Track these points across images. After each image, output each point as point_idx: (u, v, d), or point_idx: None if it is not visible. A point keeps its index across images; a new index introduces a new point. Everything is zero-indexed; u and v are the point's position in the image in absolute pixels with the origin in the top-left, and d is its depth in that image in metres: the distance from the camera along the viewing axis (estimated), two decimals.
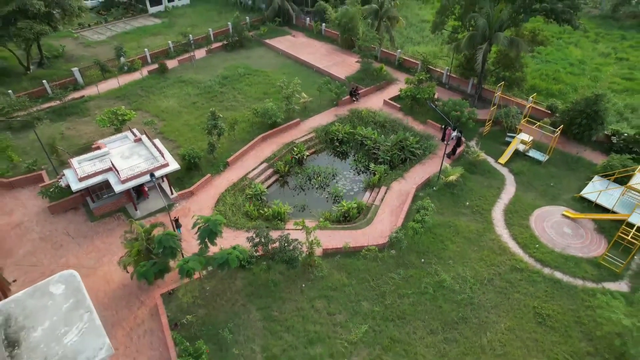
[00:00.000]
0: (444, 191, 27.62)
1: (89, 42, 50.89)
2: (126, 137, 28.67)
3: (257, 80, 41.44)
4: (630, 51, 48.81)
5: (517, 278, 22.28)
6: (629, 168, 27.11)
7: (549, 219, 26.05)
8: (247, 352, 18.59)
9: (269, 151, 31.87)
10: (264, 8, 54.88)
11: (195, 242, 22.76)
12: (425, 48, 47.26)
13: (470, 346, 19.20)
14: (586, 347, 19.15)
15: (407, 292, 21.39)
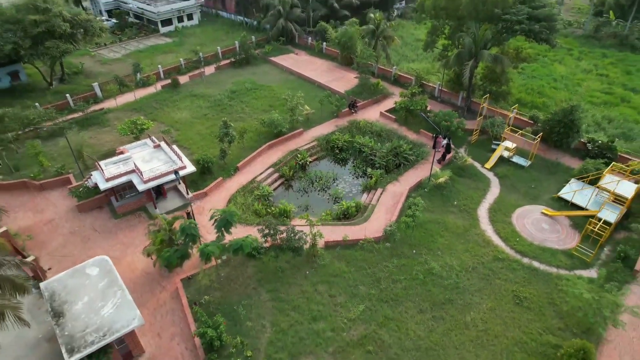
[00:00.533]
0: (434, 192, 30.44)
1: (105, 60, 54.49)
2: (145, 143, 31.66)
3: (263, 94, 44.72)
4: (610, 68, 52.30)
5: (498, 266, 24.91)
6: (600, 170, 29.97)
7: (529, 217, 28.80)
8: (258, 326, 21.14)
9: (275, 157, 34.83)
10: (268, 28, 58.61)
11: (208, 236, 25.59)
12: (419, 65, 50.73)
13: (456, 323, 21.72)
14: (557, 323, 21.67)
15: (399, 278, 24.01)
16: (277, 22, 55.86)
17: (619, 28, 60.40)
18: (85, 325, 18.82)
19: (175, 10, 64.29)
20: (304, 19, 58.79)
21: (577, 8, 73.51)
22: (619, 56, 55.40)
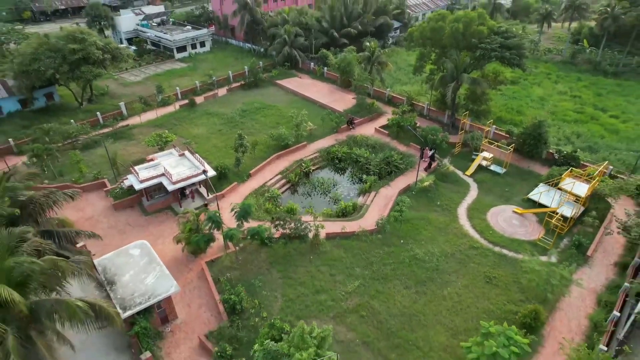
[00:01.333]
0: (420, 194, 35.23)
1: (126, 83, 60.22)
2: (171, 153, 36.68)
3: (271, 113, 50.09)
4: (583, 90, 57.90)
5: (473, 253, 29.46)
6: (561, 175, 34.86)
7: (502, 214, 33.50)
8: (271, 297, 25.58)
9: (282, 166, 39.79)
10: (274, 54, 64.63)
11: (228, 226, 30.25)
12: (411, 87, 56.28)
13: (435, 296, 26.14)
14: (519, 296, 26.06)
15: (389, 262, 28.53)
16: (283, 49, 61.91)
17: (593, 55, 66.42)
18: (133, 291, 23.33)
19: (190, 38, 70.66)
20: (306, 46, 64.92)
21: (558, 37, 79.93)
22: (592, 80, 61.15)
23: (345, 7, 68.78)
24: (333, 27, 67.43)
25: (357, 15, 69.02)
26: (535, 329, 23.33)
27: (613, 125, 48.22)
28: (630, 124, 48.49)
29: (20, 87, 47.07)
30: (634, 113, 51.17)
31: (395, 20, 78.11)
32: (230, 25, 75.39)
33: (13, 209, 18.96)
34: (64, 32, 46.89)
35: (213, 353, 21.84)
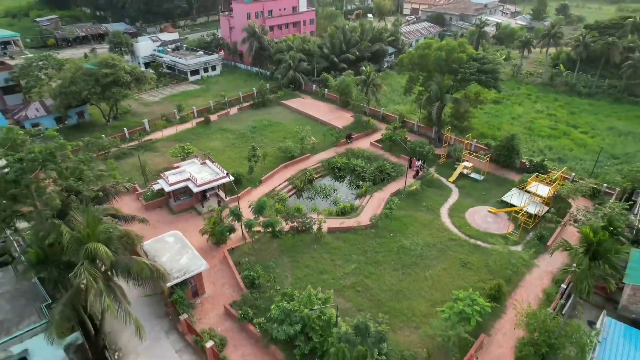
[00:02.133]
0: (408, 197, 40.85)
1: (146, 103, 66.61)
2: (194, 162, 42.50)
3: (278, 129, 56.16)
4: (559, 109, 64.26)
5: (451, 244, 34.88)
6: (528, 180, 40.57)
7: (478, 213, 39.05)
8: (282, 276, 30.90)
9: (289, 174, 45.53)
10: (280, 77, 71.22)
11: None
12: (403, 106, 62.54)
13: (418, 277, 31.46)
14: (488, 277, 31.35)
15: (380, 250, 33.93)
16: (288, 73, 68.57)
17: (569, 78, 73.10)
18: (170, 268, 28.66)
19: (202, 62, 77.57)
20: (309, 70, 71.65)
21: (539, 61, 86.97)
22: (567, 100, 67.63)
23: (344, 35, 75.94)
24: (333, 53, 74.38)
25: (354, 42, 76.12)
26: (499, 299, 28.57)
27: (582, 140, 54.22)
28: (597, 138, 54.52)
29: (57, 106, 53.28)
30: (601, 129, 57.28)
31: (390, 46, 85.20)
32: (239, 51, 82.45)
33: (98, 192, 24.45)
34: (98, 59, 53.38)
35: (237, 315, 27.09)
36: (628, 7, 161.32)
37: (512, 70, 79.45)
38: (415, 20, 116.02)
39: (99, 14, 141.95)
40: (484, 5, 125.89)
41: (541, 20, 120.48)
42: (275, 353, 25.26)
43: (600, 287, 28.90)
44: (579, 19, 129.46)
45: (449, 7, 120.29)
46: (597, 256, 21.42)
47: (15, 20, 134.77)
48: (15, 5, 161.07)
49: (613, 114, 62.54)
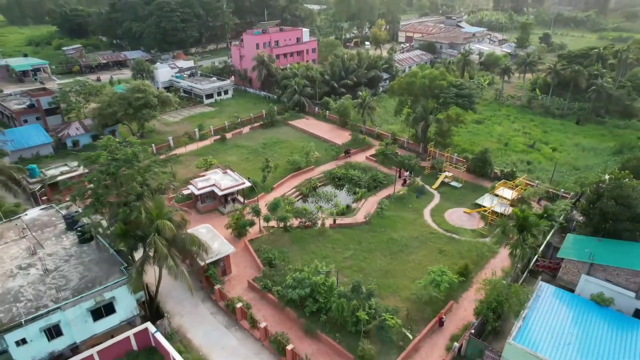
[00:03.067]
0: (397, 201, 48.57)
1: (167, 122, 75.03)
2: (216, 171, 50.42)
3: (285, 146, 64.28)
4: (534, 128, 72.61)
5: (431, 236, 42.40)
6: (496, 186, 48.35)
7: (455, 213, 46.67)
8: (293, 259, 38.30)
9: (296, 182, 53.35)
10: (286, 101, 79.82)
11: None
12: (395, 126, 70.91)
13: (402, 261, 38.86)
14: (460, 261, 38.67)
15: (373, 241, 41.44)
16: (293, 97, 77.30)
17: (544, 101, 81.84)
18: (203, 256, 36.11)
19: (216, 87, 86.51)
20: (312, 94, 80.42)
21: (520, 85, 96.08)
22: (542, 120, 76.11)
23: (343, 63, 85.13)
24: (333, 79, 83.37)
25: (352, 69, 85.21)
26: (466, 276, 35.91)
27: (551, 154, 62.28)
28: (563, 153, 62.62)
29: (95, 125, 61.66)
30: (568, 145, 65.48)
31: (385, 72, 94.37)
32: (249, 77, 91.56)
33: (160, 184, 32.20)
34: (131, 85, 62.08)
35: (259, 286, 34.47)
36: (608, 36, 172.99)
37: (494, 93, 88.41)
38: (408, 49, 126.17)
39: (116, 42, 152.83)
40: (472, 35, 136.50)
41: (524, 48, 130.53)
42: (289, 313, 32.54)
43: (546, 267, 36.34)
44: (561, 47, 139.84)
45: (440, 36, 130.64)
46: (523, 228, 29.09)
47: (39, 49, 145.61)
48: (37, 34, 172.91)
49: (580, 132, 70.91)
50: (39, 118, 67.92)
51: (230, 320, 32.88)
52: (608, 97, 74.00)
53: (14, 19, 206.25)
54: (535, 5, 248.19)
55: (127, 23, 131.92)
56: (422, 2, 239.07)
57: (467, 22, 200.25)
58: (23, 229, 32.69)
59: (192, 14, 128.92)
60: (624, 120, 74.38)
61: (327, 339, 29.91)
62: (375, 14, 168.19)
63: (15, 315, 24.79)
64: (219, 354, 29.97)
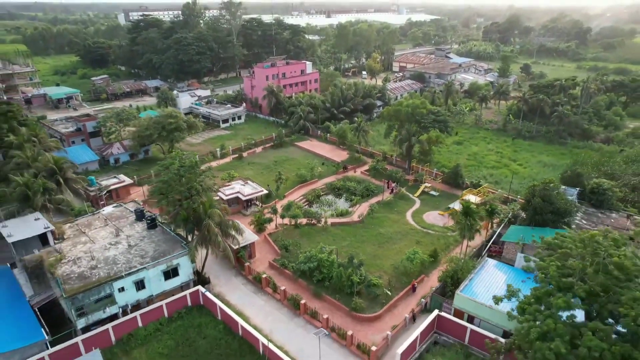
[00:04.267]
0: (385, 205, 60.09)
1: (191, 144, 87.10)
2: (239, 182, 62.12)
3: (293, 163, 76.19)
4: (506, 148, 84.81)
5: (411, 231, 53.74)
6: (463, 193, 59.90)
7: (431, 215, 58.11)
8: (303, 246, 49.53)
9: (303, 192, 64.94)
10: (292, 125, 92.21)
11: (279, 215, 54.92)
12: (385, 146, 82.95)
13: (388, 249, 50.05)
14: (432, 248, 49.88)
15: (365, 235, 52.76)
16: (299, 122, 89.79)
17: (517, 125, 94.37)
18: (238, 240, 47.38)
19: (231, 113, 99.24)
20: (315, 119, 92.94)
21: (499, 111, 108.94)
22: (513, 141, 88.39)
23: (341, 92, 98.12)
24: (333, 106, 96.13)
25: (350, 98, 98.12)
26: (435, 258, 47.06)
27: (517, 170, 74.11)
28: (528, 169, 74.52)
29: (134, 145, 73.74)
30: (533, 163, 77.48)
31: (379, 99, 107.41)
32: (259, 104, 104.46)
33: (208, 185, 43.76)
34: (165, 112, 74.56)
35: (278, 264, 45.63)
36: (585, 65, 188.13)
37: (474, 118, 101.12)
38: (400, 78, 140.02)
39: (134, 71, 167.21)
40: (459, 65, 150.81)
41: (506, 77, 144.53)
42: (300, 283, 43.55)
43: (497, 251, 47.54)
44: (541, 76, 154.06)
45: (429, 67, 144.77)
46: (467, 214, 40.63)
47: (65, 77, 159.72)
48: (60, 64, 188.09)
49: (545, 151, 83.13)
50: (83, 140, 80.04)
51: (257, 288, 43.90)
52: (568, 122, 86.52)
53: (38, 50, 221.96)
54: (521, 37, 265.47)
55: (147, 55, 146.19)
56: (415, 34, 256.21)
57: (458, 52, 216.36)
58: (105, 220, 44.15)
59: (206, 47, 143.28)
60: (582, 142, 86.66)
61: (330, 298, 40.92)
62: (372, 46, 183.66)
63: (116, 271, 36.01)
64: (250, 310, 40.86)
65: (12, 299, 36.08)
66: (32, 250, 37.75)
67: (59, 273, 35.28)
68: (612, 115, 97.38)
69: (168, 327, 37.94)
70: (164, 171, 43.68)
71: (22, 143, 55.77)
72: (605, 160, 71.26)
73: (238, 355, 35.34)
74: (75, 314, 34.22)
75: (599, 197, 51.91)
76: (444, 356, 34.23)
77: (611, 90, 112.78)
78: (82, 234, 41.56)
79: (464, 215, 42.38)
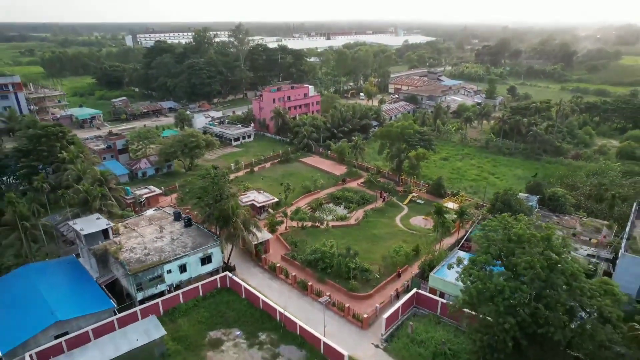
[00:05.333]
0: (378, 211, 70.60)
1: (207, 159, 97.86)
2: (253, 192, 72.74)
3: (298, 176, 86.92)
4: (486, 163, 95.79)
5: (399, 233, 64.13)
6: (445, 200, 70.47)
7: (417, 219, 68.58)
8: (310, 244, 59.86)
9: (308, 200, 75.47)
10: (296, 143, 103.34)
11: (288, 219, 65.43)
12: (379, 162, 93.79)
13: (380, 246, 60.29)
14: (413, 245, 60.18)
15: (360, 235, 63.13)
16: (303, 140, 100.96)
17: (498, 143, 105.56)
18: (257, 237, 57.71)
19: (242, 132, 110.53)
20: (317, 138, 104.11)
21: (483, 130, 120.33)
22: (494, 158, 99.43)
23: (341, 114, 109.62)
24: (333, 126, 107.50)
25: (348, 119, 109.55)
26: (417, 252, 57.31)
27: (494, 182, 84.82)
28: (504, 181, 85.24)
29: (160, 161, 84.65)
30: (509, 176, 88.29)
31: (374, 120, 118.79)
32: (267, 124, 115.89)
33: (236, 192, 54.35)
34: (187, 132, 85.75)
35: (289, 257, 55.90)
36: (568, 87, 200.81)
37: (460, 137, 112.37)
38: (395, 100, 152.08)
39: (147, 93, 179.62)
40: (449, 87, 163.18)
41: (493, 99, 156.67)
42: (307, 271, 53.69)
43: (467, 247, 57.78)
44: (526, 97, 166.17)
45: (422, 89, 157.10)
46: (439, 213, 51.18)
47: (84, 99, 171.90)
48: (77, 85, 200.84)
49: (521, 166, 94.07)
50: (113, 156, 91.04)
51: (272, 276, 54.04)
52: (542, 140, 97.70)
53: (54, 72, 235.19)
54: (512, 58, 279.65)
55: (162, 78, 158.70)
56: (410, 57, 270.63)
57: (451, 73, 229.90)
58: (149, 220, 54.65)
59: (216, 71, 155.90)
60: (555, 158, 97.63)
61: (331, 282, 51.05)
62: (369, 69, 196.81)
63: (164, 257, 46.34)
64: (267, 291, 50.87)
65: (83, 279, 46.31)
66: (97, 242, 48.11)
67: (122, 258, 45.60)
68: (583, 134, 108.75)
69: (203, 303, 48.02)
70: (201, 180, 54.33)
71: (73, 158, 66.57)
72: (570, 173, 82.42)
73: (259, 322, 45.36)
74: (135, 289, 44.41)
75: (554, 203, 62.53)
76: (419, 322, 44.27)
77: (585, 111, 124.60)
78: (132, 231, 51.96)
79: (437, 214, 52.92)
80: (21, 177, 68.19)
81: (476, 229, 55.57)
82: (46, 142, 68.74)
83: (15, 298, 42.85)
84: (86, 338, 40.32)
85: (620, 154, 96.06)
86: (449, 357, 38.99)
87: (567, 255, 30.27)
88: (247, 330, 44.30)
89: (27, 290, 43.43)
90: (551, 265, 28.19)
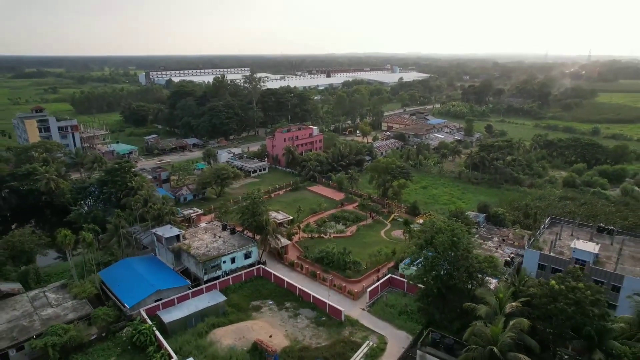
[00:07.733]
0: (368, 227, 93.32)
1: (232, 188, 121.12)
2: (272, 212, 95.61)
3: (306, 201, 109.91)
4: (456, 190, 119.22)
5: (383, 241, 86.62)
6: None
7: (397, 232, 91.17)
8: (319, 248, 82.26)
9: (315, 219, 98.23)
10: (304, 174, 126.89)
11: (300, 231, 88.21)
12: (370, 189, 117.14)
13: (369, 249, 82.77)
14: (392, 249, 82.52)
15: (354, 243, 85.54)
16: (309, 172, 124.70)
17: (468, 174, 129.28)
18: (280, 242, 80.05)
19: (258, 166, 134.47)
20: (320, 171, 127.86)
21: (458, 164, 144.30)
22: (464, 186, 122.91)
23: (339, 151, 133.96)
24: (333, 161, 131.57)
25: (346, 155, 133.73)
26: (395, 253, 79.55)
27: (459, 205, 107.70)
28: (468, 205, 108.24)
29: (198, 188, 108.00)
30: (473, 201, 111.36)
31: (368, 155, 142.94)
32: (279, 159, 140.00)
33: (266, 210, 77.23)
34: (219, 166, 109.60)
35: (302, 256, 78.27)
36: (542, 123, 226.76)
37: (438, 170, 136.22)
38: (386, 137, 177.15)
39: (170, 130, 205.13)
40: (433, 126, 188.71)
41: (471, 136, 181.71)
42: (316, 265, 75.85)
43: None
44: (502, 133, 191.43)
45: (410, 128, 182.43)
46: (406, 224, 73.99)
47: (115, 135, 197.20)
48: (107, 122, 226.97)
49: (484, 193, 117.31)
50: (157, 185, 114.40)
51: (291, 269, 76.12)
52: (502, 172, 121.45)
53: (83, 109, 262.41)
54: (495, 97, 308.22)
55: (185, 118, 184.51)
56: (403, 96, 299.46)
57: (439, 111, 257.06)
58: (205, 229, 77.37)
59: (233, 113, 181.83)
60: (513, 186, 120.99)
61: (333, 272, 73.22)
62: (365, 109, 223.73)
63: (220, 252, 68.82)
64: (289, 279, 72.71)
65: (164, 267, 68.63)
66: (173, 243, 70.66)
67: (193, 252, 68.09)
68: (538, 167, 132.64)
69: (245, 285, 70.04)
70: (246, 200, 77.32)
71: (139, 187, 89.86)
72: (519, 198, 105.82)
73: (285, 296, 67.28)
74: (203, 272, 66.69)
75: (496, 219, 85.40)
76: (392, 295, 66.29)
77: (544, 147, 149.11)
78: (194, 237, 74.59)
79: (405, 224, 75.70)
80: (104, 199, 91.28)
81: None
82: (120, 174, 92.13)
83: (125, 277, 65.14)
84: (173, 303, 62.35)
85: (565, 183, 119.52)
86: (408, 313, 60.93)
87: (466, 240, 52.92)
88: (277, 300, 66.30)
89: (132, 273, 65.81)
90: (454, 242, 50.76)
